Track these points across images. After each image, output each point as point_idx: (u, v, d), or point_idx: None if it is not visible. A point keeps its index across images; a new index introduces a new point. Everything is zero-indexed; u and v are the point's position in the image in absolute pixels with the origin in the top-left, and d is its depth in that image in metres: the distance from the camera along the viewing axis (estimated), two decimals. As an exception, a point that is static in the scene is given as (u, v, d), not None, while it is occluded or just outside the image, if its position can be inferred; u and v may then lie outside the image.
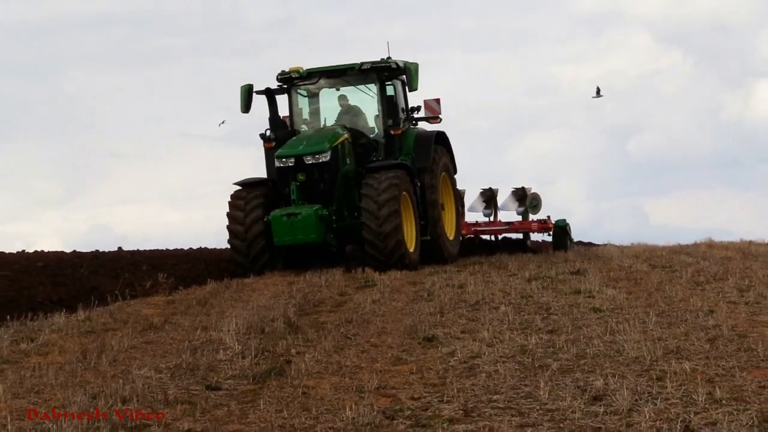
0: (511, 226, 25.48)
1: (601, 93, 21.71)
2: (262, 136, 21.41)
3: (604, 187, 59.06)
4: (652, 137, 59.31)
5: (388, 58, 21.37)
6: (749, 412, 7.67)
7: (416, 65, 20.98)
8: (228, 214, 19.96)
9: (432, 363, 10.28)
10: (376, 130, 21.69)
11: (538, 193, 25.25)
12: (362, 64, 21.20)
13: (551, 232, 25.53)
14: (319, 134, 20.75)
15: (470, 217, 25.50)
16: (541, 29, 65.77)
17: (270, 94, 21.61)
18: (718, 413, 7.69)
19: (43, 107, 58.85)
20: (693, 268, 17.40)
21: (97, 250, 24.75)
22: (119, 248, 26.00)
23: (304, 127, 21.79)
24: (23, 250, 24.32)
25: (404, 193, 19.94)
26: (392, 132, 21.16)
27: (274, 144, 20.96)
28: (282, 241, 19.36)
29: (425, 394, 8.91)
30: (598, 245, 28.53)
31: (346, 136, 20.53)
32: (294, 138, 20.81)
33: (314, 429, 7.98)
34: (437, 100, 22.62)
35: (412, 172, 20.83)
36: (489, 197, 25.46)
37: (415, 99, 22.35)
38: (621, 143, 60.56)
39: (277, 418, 8.35)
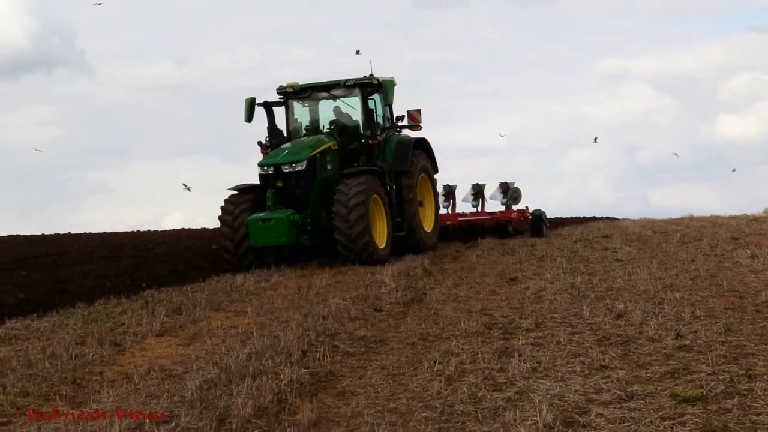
0: (493, 216, 19.55)
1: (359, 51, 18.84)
2: (260, 143, 16.09)
3: (622, 183, 57.72)
4: (652, 152, 57.98)
5: (371, 75, 16.04)
6: (718, 324, 7.57)
7: (393, 81, 16.30)
8: (219, 218, 14.97)
9: (514, 294, 10.28)
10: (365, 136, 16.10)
11: (519, 187, 19.69)
12: (347, 80, 15.92)
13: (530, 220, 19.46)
14: (301, 144, 15.43)
15: (460, 208, 20.06)
16: (577, 83, 64.66)
17: (268, 106, 16.22)
18: (698, 325, 7.59)
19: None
20: (680, 233, 17.05)
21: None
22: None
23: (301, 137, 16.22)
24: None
25: (375, 195, 14.86)
26: (370, 142, 15.78)
27: (269, 151, 15.73)
28: (257, 243, 14.48)
29: (510, 314, 8.93)
30: (619, 219, 27.95)
31: (329, 144, 15.42)
32: (279, 147, 15.56)
33: (441, 335, 8.05)
34: (418, 111, 17.09)
35: (383, 176, 15.62)
36: (477, 191, 19.86)
37: (399, 109, 17.05)
38: (632, 156, 59.17)
39: (418, 328, 8.45)
